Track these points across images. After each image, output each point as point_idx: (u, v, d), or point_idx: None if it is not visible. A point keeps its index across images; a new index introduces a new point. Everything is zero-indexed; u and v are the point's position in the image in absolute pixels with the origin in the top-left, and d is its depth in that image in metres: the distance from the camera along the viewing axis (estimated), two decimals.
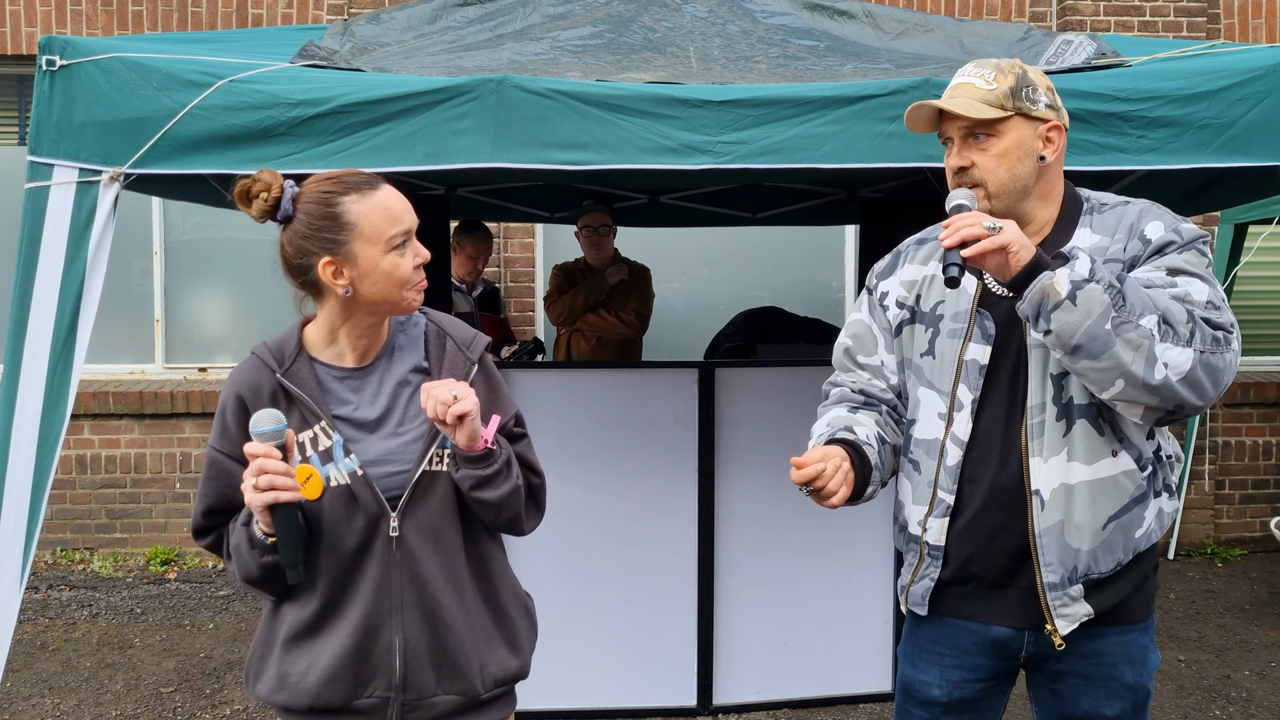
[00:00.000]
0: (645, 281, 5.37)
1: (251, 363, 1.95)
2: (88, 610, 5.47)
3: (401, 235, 1.88)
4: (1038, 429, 1.98)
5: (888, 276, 2.20)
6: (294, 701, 1.92)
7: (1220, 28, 6.60)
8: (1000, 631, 2.07)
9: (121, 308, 6.52)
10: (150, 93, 2.76)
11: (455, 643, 1.93)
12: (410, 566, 1.90)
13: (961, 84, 2.02)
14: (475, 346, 2.01)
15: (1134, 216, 2.01)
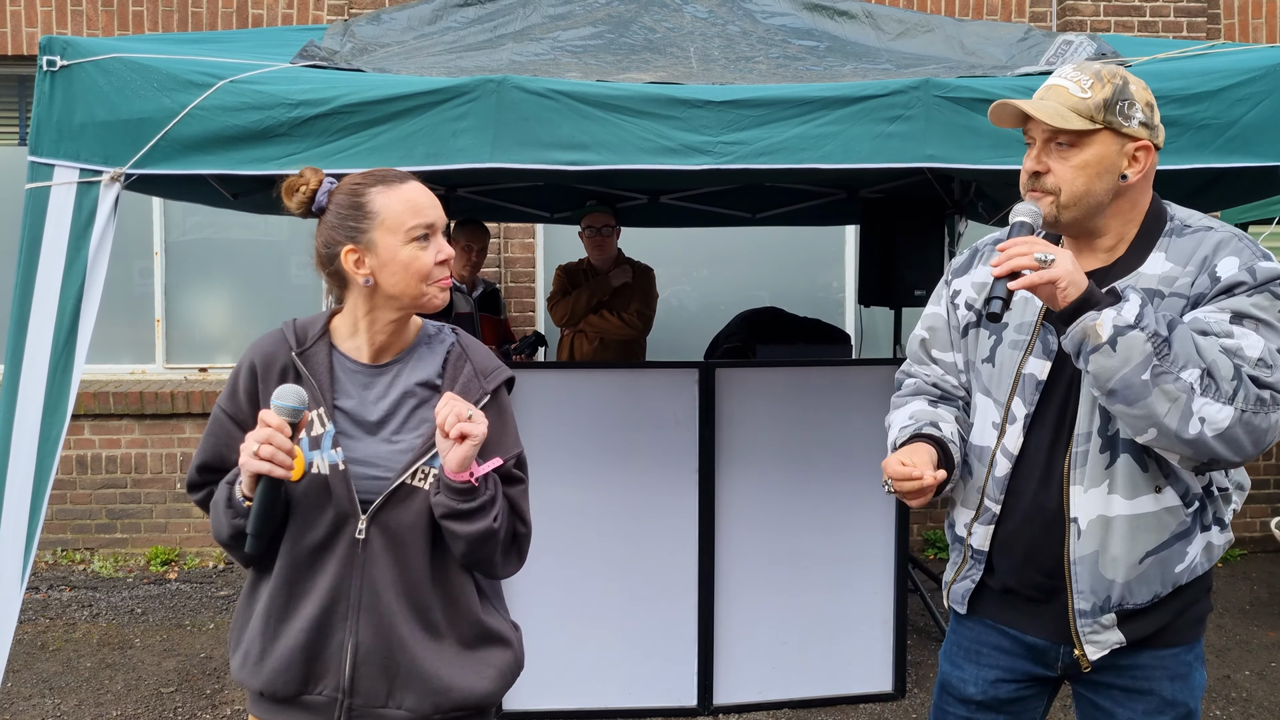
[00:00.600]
0: (648, 282, 5.37)
1: (275, 335, 1.98)
2: (88, 610, 5.47)
3: (423, 228, 1.89)
4: (1081, 457, 1.94)
5: (962, 275, 2.15)
6: (248, 682, 1.94)
7: (1220, 28, 6.60)
8: (1036, 640, 2.06)
9: (122, 308, 6.52)
10: (150, 93, 2.76)
11: (408, 659, 1.90)
12: (370, 572, 1.89)
13: (1055, 85, 1.93)
14: (493, 377, 1.99)
15: (1210, 248, 1.90)
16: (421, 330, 2.01)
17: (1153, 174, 1.96)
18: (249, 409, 1.92)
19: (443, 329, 2.04)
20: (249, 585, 2.00)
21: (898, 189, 5.15)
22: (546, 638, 4.05)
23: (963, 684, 2.14)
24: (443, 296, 1.92)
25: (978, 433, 2.07)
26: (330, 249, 1.91)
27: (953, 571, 2.15)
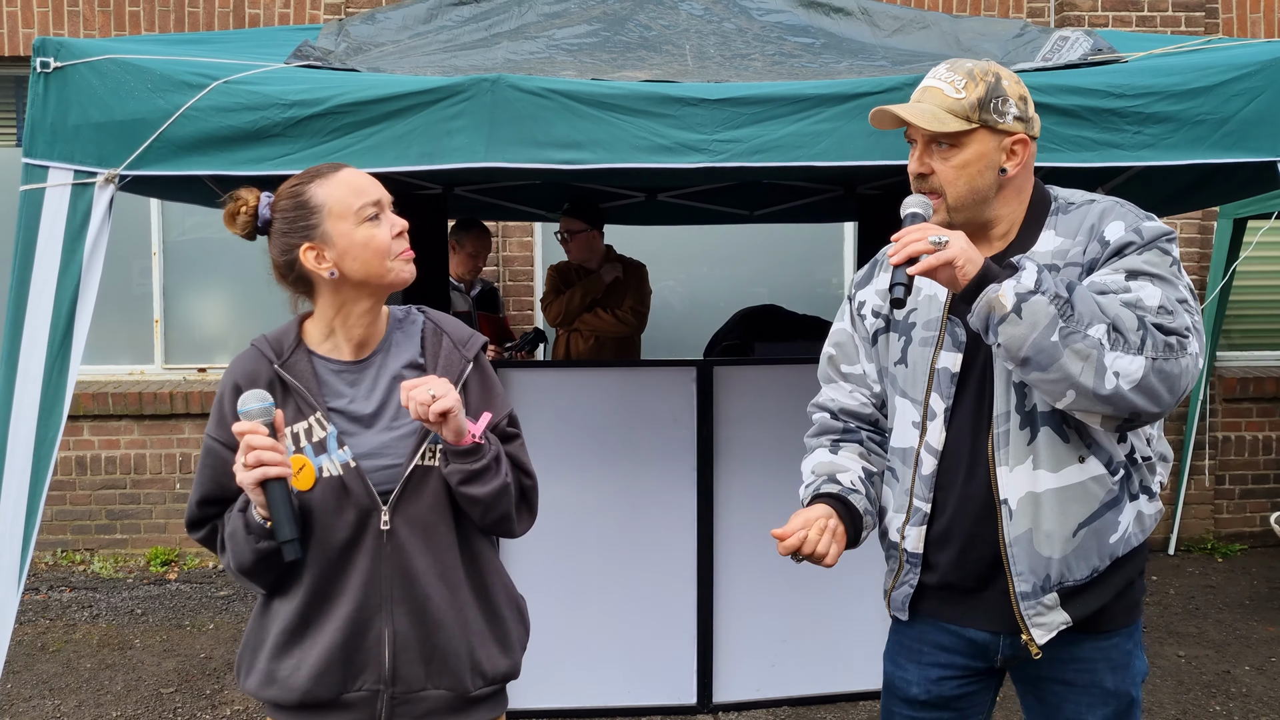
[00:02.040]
0: (641, 279, 5.35)
1: (250, 353, 1.97)
2: (88, 611, 5.47)
3: (371, 206, 1.90)
4: (1003, 438, 1.96)
5: (865, 285, 2.19)
6: (283, 697, 1.93)
7: (1218, 22, 6.59)
8: (977, 634, 2.07)
9: (120, 308, 6.52)
10: (144, 94, 2.76)
11: (445, 638, 1.94)
12: (400, 560, 1.91)
13: (931, 87, 1.98)
14: (471, 345, 2.02)
15: (1095, 217, 1.97)
16: (391, 317, 2.03)
17: (1033, 163, 2.02)
18: None
19: (409, 310, 2.06)
20: (260, 606, 2.00)
21: (895, 185, 5.14)
22: (546, 636, 4.05)
23: (906, 684, 2.15)
24: (409, 269, 1.92)
25: (899, 435, 2.09)
26: (288, 255, 1.91)
27: (890, 579, 2.15)
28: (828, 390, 2.23)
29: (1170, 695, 4.39)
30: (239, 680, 2.00)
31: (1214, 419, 6.70)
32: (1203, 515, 6.69)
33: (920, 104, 1.96)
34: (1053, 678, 2.06)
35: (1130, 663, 2.06)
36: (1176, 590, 5.81)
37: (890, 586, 2.16)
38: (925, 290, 2.05)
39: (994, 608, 2.02)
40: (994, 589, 2.02)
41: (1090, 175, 3.96)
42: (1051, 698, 2.08)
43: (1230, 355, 6.89)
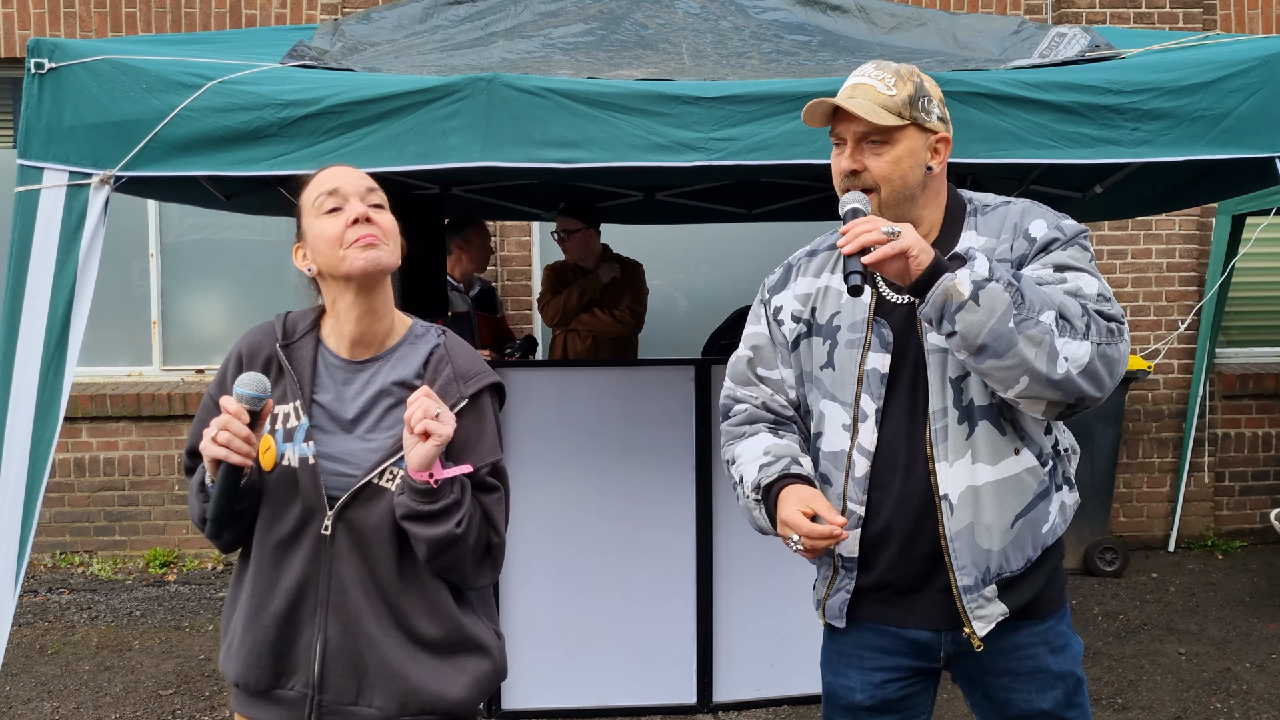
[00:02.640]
0: (638, 278, 5.34)
1: (265, 326, 2.01)
2: (87, 613, 5.46)
3: (326, 197, 1.90)
4: (941, 434, 1.98)
5: (780, 290, 2.17)
6: (225, 671, 1.98)
7: (1216, 18, 6.58)
8: (918, 634, 2.06)
9: (118, 310, 6.51)
10: (139, 95, 2.75)
11: (376, 658, 1.89)
12: (337, 569, 1.89)
13: (862, 84, 1.99)
14: (475, 381, 1.96)
15: (1017, 216, 2.02)
16: (410, 330, 2.00)
17: (947, 164, 2.08)
18: None
19: (430, 329, 2.02)
20: (235, 575, 2.02)
21: None
22: (545, 636, 4.05)
23: (849, 692, 2.13)
24: (365, 256, 1.85)
25: (828, 440, 2.07)
26: None
27: (824, 588, 2.13)
28: (744, 389, 2.18)
29: (1171, 693, 4.38)
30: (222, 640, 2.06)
31: (1214, 416, 6.69)
32: (1203, 512, 6.69)
33: (855, 99, 1.97)
34: (997, 670, 2.07)
35: (1068, 644, 2.09)
36: (1177, 587, 5.81)
37: (824, 595, 2.13)
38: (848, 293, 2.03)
39: (934, 605, 2.03)
40: (932, 586, 2.02)
41: (1088, 172, 3.95)
42: (999, 691, 2.08)
43: (1229, 352, 6.89)
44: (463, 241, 5.37)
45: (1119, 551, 5.95)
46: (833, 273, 2.10)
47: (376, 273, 1.88)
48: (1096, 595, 5.65)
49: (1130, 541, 6.55)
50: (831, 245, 2.15)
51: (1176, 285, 6.58)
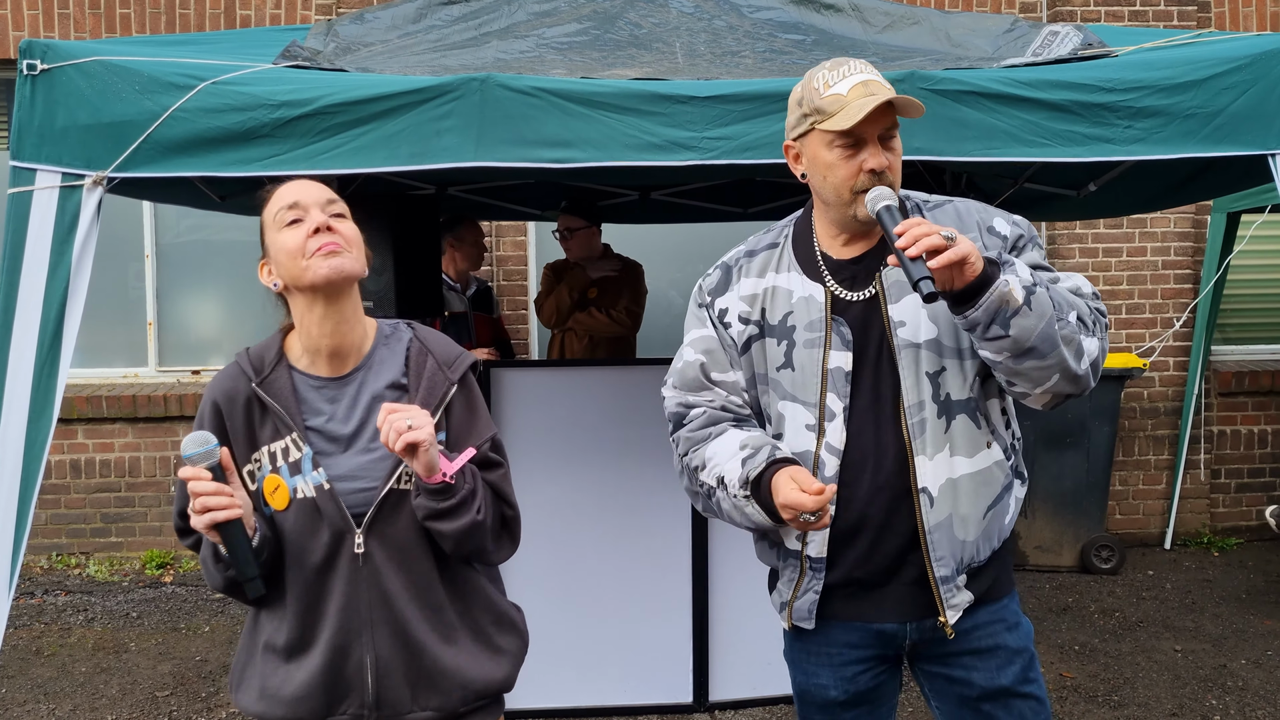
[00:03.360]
0: (637, 278, 5.33)
1: (231, 370, 1.95)
2: (83, 615, 5.46)
3: (286, 210, 1.89)
4: (919, 427, 1.97)
5: (723, 293, 2.10)
6: (271, 712, 1.92)
7: (1211, 16, 6.59)
8: (884, 626, 2.07)
9: (114, 311, 6.51)
10: (132, 96, 2.74)
11: (429, 660, 1.91)
12: (377, 583, 1.88)
13: (872, 80, 1.93)
14: (458, 366, 1.96)
15: (977, 213, 2.03)
16: (378, 332, 1.99)
17: None
18: None
19: (397, 326, 2.02)
20: (251, 620, 1.99)
21: None
22: (542, 636, 4.04)
23: (823, 689, 2.12)
24: (328, 264, 1.83)
25: (790, 441, 2.04)
26: None
27: (790, 590, 2.11)
28: (696, 395, 2.10)
29: (1167, 689, 4.38)
30: (232, 693, 2.00)
31: (1209, 413, 6.70)
32: (1199, 509, 6.70)
33: (891, 95, 1.92)
34: (959, 651, 2.08)
35: (1020, 621, 2.12)
36: (1173, 585, 5.81)
37: (791, 597, 2.11)
38: (799, 292, 2.03)
39: (900, 598, 2.04)
40: (899, 580, 2.03)
41: (1082, 170, 3.96)
42: (961, 672, 2.09)
43: (1225, 349, 6.90)
44: (454, 240, 5.36)
45: (1115, 549, 5.96)
46: (778, 272, 2.06)
47: (341, 280, 1.85)
48: (1093, 593, 5.66)
49: (1127, 539, 6.56)
50: (771, 244, 2.11)
51: (1172, 283, 6.59)
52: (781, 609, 2.15)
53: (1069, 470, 5.90)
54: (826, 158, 1.94)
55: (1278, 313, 6.96)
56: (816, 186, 2.00)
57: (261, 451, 1.90)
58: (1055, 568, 6.00)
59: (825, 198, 2.00)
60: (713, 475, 2.02)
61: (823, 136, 1.94)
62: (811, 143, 1.97)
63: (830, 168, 1.95)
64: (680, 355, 2.13)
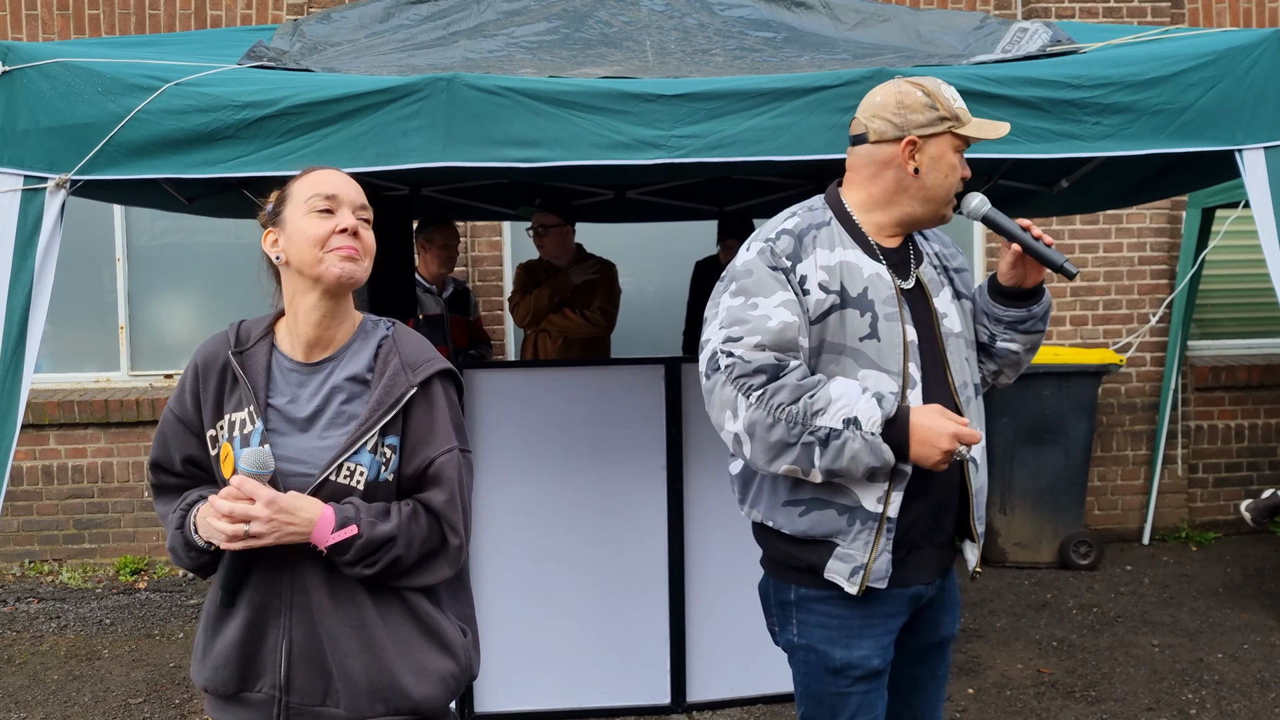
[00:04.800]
0: (611, 278, 5.30)
1: (219, 336, 2.02)
2: (56, 622, 5.40)
3: (322, 199, 1.92)
4: (966, 404, 2.25)
5: (801, 260, 2.16)
6: (195, 678, 1.99)
7: (1184, 12, 6.61)
8: (918, 588, 2.25)
9: (86, 315, 6.44)
10: (95, 97, 2.71)
11: (339, 657, 1.89)
12: (298, 569, 1.90)
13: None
14: (422, 370, 1.94)
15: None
16: (360, 325, 2.01)
17: None
18: (193, 409, 1.98)
19: (380, 322, 2.03)
20: (211, 589, 2.03)
21: None
22: (518, 638, 4.02)
23: (866, 660, 2.21)
24: (342, 266, 1.88)
25: None
26: (263, 242, 1.99)
27: (866, 553, 2.15)
28: (787, 355, 2.12)
29: (1144, 684, 4.40)
30: None
31: (1186, 408, 6.73)
32: (1177, 504, 6.72)
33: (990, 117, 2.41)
34: (936, 605, 2.35)
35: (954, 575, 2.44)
36: (1151, 579, 5.83)
37: (870, 558, 2.15)
38: (868, 269, 2.19)
39: (931, 560, 2.26)
40: (930, 543, 2.24)
41: (1053, 166, 3.96)
42: (929, 624, 2.35)
43: (1201, 344, 6.93)
44: (424, 241, 5.33)
45: (1094, 544, 5.97)
46: (845, 248, 2.20)
47: (347, 285, 1.92)
48: (1071, 588, 5.67)
49: (1105, 534, 6.59)
50: (824, 221, 2.23)
51: (1148, 278, 6.62)
52: (854, 574, 2.16)
53: (1047, 466, 5.92)
54: (951, 160, 2.18)
55: (1253, 307, 7.00)
56: (931, 183, 2.18)
57: (225, 419, 1.94)
58: (1034, 564, 6.01)
59: (933, 194, 2.19)
60: (840, 417, 2.05)
61: (953, 140, 2.18)
62: (940, 144, 2.17)
63: (953, 169, 2.19)
64: (767, 315, 2.11)
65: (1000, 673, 4.55)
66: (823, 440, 2.06)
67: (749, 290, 2.14)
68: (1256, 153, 2.75)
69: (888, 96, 2.19)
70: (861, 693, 2.21)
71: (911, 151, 2.17)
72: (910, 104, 2.17)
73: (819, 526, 2.17)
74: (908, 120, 2.17)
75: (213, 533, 1.84)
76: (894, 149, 2.18)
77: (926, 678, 2.38)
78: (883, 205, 2.23)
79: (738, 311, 2.13)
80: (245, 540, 1.81)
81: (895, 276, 2.21)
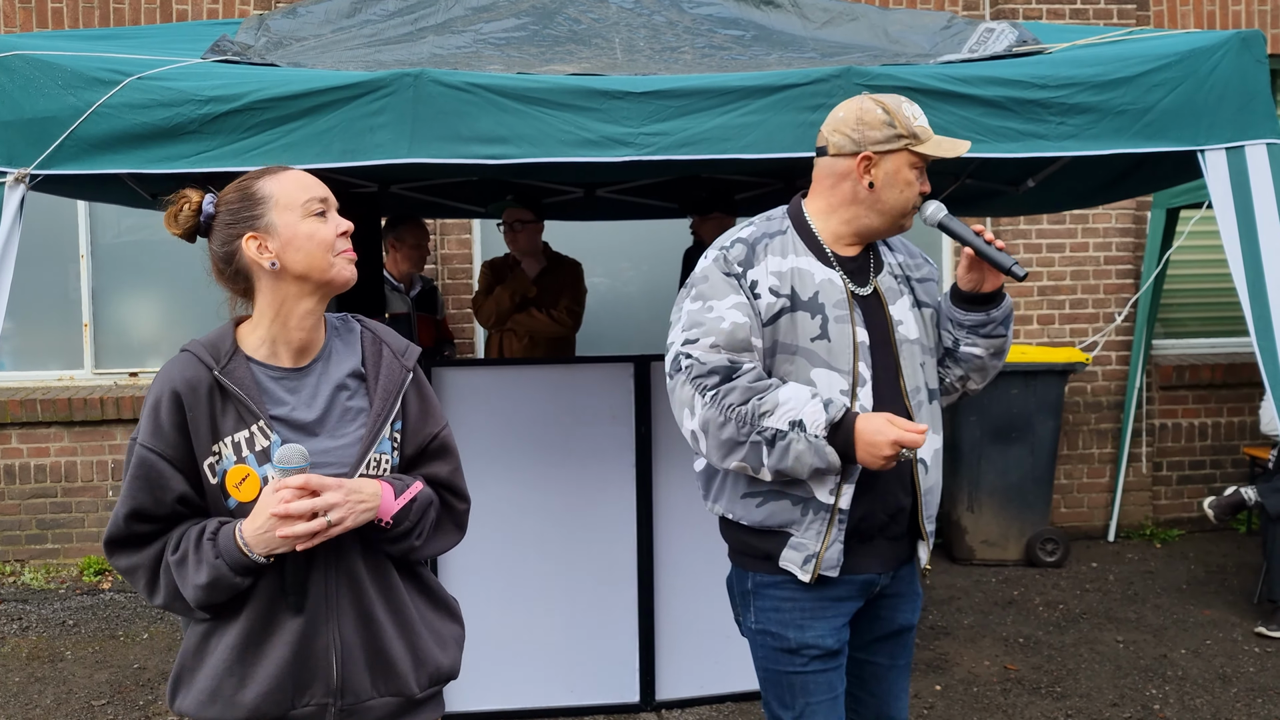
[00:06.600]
0: (577, 277, 5.28)
1: (186, 359, 1.88)
2: (17, 624, 5.33)
3: (318, 202, 1.89)
4: (918, 407, 2.33)
5: (752, 266, 2.28)
6: (231, 715, 1.84)
7: (1150, 14, 6.68)
8: (870, 576, 2.35)
9: (49, 313, 6.35)
10: (55, 91, 2.68)
11: (387, 642, 1.92)
12: (346, 567, 1.90)
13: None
14: (410, 355, 2.01)
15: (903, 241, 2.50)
16: (329, 324, 2.00)
17: None
18: (180, 441, 1.82)
19: (345, 318, 2.03)
20: (204, 629, 1.90)
21: None
22: (486, 637, 4.01)
23: (820, 639, 2.32)
24: (350, 269, 1.91)
25: None
26: (228, 246, 1.88)
27: (819, 542, 2.27)
28: (740, 355, 2.22)
29: (1109, 680, 4.44)
30: (171, 701, 1.91)
31: (1150, 406, 6.79)
32: (1141, 502, 6.79)
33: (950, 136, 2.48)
34: (894, 594, 2.43)
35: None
36: (1116, 576, 5.89)
37: (821, 548, 2.27)
38: (820, 275, 2.29)
39: (884, 551, 2.35)
40: (884, 535, 2.33)
41: (1019, 166, 3.99)
42: (887, 612, 2.44)
43: (1165, 343, 7.00)
44: (395, 240, 5.31)
45: (1060, 542, 6.02)
46: (797, 255, 2.30)
47: (350, 286, 1.93)
48: (1038, 585, 5.71)
49: (1071, 532, 6.64)
50: (779, 230, 2.33)
51: (1114, 278, 6.68)
52: (806, 562, 2.28)
53: (1014, 465, 5.96)
54: (907, 176, 2.27)
55: (1216, 307, 7.08)
56: (886, 197, 2.27)
57: (223, 442, 1.83)
58: (1001, 561, 6.05)
59: (888, 208, 2.28)
60: (785, 419, 2.16)
61: (909, 157, 2.26)
62: (896, 160, 2.26)
63: (909, 185, 2.27)
64: (721, 317, 2.23)
65: (967, 669, 4.57)
66: (769, 440, 2.17)
67: (705, 295, 2.27)
68: (1218, 153, 2.78)
69: (849, 112, 2.29)
70: (817, 671, 2.32)
71: (867, 166, 2.27)
72: (869, 121, 2.26)
73: (774, 517, 2.29)
74: (865, 136, 2.26)
75: (279, 542, 1.76)
76: (850, 163, 2.28)
77: (888, 666, 2.47)
78: (839, 215, 2.32)
79: (695, 315, 2.26)
80: (326, 532, 1.78)
81: (851, 283, 2.31)
